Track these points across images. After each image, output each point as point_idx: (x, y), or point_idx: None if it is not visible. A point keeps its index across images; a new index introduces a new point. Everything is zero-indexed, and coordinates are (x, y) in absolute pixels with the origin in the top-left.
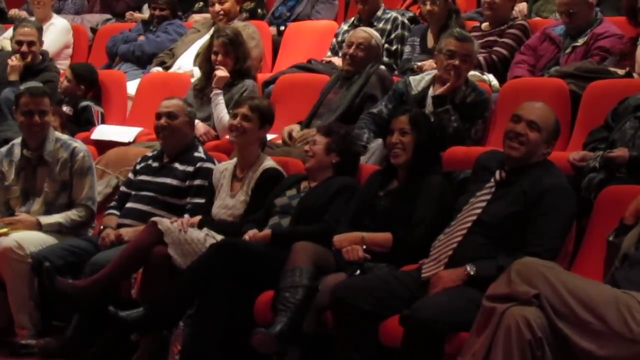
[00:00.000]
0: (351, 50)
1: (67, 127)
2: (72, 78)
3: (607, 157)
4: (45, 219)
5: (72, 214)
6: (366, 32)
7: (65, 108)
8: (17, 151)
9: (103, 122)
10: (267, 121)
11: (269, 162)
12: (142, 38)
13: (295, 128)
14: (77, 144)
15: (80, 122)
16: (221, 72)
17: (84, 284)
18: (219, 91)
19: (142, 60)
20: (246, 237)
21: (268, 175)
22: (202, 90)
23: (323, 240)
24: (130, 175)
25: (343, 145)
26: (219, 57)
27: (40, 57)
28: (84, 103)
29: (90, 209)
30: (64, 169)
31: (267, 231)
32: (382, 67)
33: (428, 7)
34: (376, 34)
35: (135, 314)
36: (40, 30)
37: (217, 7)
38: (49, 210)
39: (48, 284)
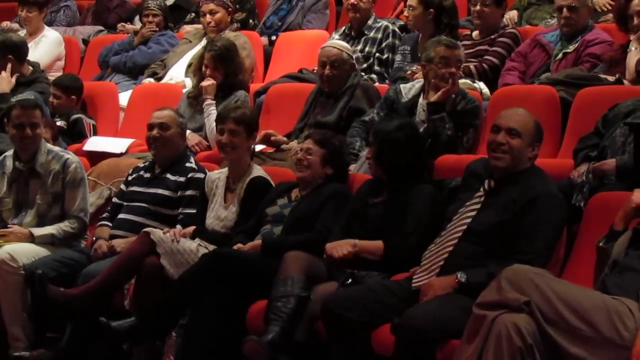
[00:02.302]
0: (327, 71)
1: (59, 140)
2: (61, 93)
3: (595, 168)
4: (38, 231)
5: (65, 226)
6: (335, 48)
7: (59, 122)
8: (9, 163)
9: (95, 134)
10: (254, 129)
11: (256, 172)
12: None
13: (274, 133)
14: (69, 155)
15: (73, 135)
16: (206, 82)
17: (76, 293)
18: (211, 101)
19: (134, 72)
20: (235, 248)
21: (255, 185)
22: (196, 99)
23: (314, 249)
24: (122, 186)
25: (338, 157)
26: (208, 71)
27: (31, 68)
28: (76, 116)
29: (83, 220)
30: (56, 180)
31: (258, 241)
32: (374, 75)
33: None
34: (344, 44)
35: (126, 324)
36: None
37: (209, 17)
38: (41, 222)
39: (40, 292)
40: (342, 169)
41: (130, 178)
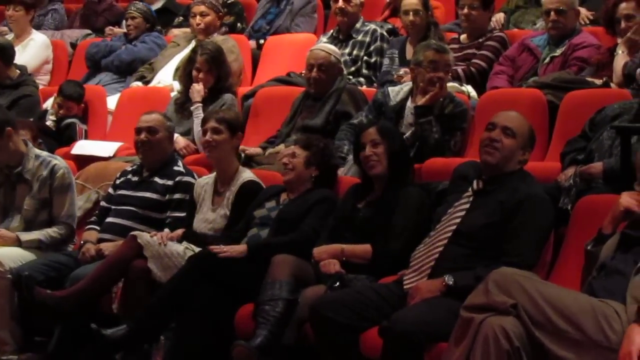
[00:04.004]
0: (314, 74)
1: (38, 140)
2: (71, 103)
3: (582, 171)
4: (25, 236)
5: (52, 231)
6: (323, 51)
7: (48, 122)
8: None
9: (86, 140)
10: (237, 129)
11: (247, 175)
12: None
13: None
14: (57, 161)
15: (62, 139)
16: (198, 86)
17: (63, 295)
18: (199, 104)
19: (121, 69)
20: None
21: (247, 189)
22: (183, 104)
23: (299, 249)
24: (110, 190)
25: (322, 158)
26: (201, 75)
27: (18, 71)
28: (69, 120)
29: (71, 226)
30: (43, 186)
31: (243, 246)
32: (362, 79)
33: (411, 17)
34: (332, 47)
35: (119, 332)
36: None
37: (198, 19)
38: (28, 227)
39: (27, 294)
40: (328, 170)
41: (118, 182)
